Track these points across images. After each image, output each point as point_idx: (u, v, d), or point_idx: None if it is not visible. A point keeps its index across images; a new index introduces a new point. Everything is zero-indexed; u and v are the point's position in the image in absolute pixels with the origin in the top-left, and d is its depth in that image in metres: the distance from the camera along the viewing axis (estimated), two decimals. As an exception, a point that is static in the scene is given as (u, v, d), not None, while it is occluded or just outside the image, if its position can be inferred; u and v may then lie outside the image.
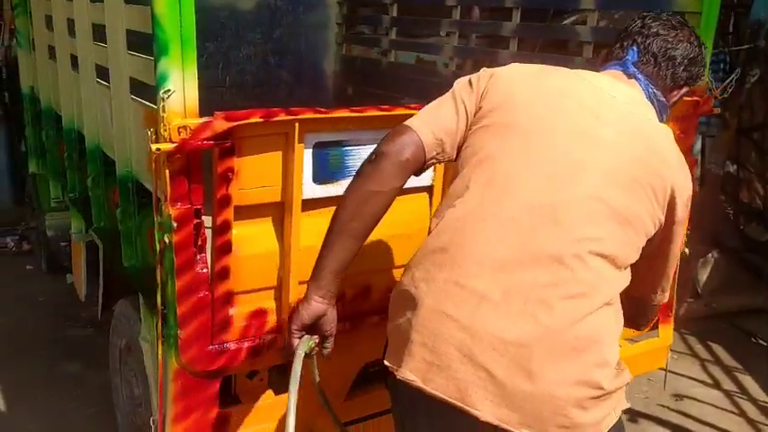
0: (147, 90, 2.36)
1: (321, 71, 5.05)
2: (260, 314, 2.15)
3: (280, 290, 2.15)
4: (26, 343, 4.13)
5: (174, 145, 1.81)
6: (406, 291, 1.71)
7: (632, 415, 3.52)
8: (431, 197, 2.32)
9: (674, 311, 3.21)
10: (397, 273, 2.35)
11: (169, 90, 1.81)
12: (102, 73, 2.69)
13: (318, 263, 1.75)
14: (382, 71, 4.70)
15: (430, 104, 1.80)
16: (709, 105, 2.77)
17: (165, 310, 2.00)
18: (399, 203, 2.28)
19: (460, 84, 1.78)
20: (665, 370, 3.11)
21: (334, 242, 1.73)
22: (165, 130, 1.82)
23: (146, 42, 2.27)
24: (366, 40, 5.15)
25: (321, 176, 2.09)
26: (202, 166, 1.93)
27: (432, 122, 1.73)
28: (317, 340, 1.80)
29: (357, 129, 2.11)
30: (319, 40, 5.00)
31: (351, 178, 2.12)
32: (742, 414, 3.76)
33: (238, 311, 2.10)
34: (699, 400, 3.84)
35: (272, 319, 2.17)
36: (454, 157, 1.76)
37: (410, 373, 1.63)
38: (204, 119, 1.84)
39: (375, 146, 1.75)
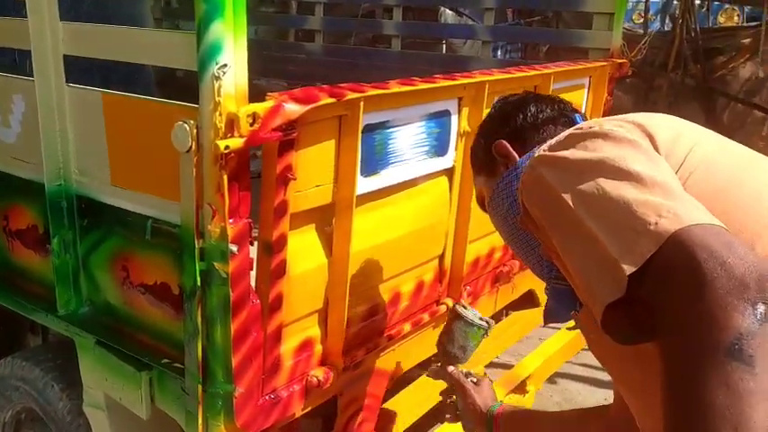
0: (92, 75, 1.77)
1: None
2: (306, 346, 1.72)
3: (325, 312, 1.74)
4: None
5: (244, 140, 1.32)
6: None
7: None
8: (450, 181, 2.04)
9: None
10: (426, 268, 2.05)
11: (225, 65, 1.31)
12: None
13: None
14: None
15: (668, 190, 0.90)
16: (626, 67, 2.91)
17: (210, 362, 1.49)
18: (422, 191, 1.99)
19: None
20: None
21: None
22: (222, 121, 1.32)
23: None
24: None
25: (368, 167, 1.71)
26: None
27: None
28: None
29: (403, 106, 1.76)
30: (132, 12, 4.24)
31: (390, 168, 1.79)
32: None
33: (286, 348, 1.65)
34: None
35: (317, 351, 1.75)
36: None
37: None
38: (270, 103, 1.37)
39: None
